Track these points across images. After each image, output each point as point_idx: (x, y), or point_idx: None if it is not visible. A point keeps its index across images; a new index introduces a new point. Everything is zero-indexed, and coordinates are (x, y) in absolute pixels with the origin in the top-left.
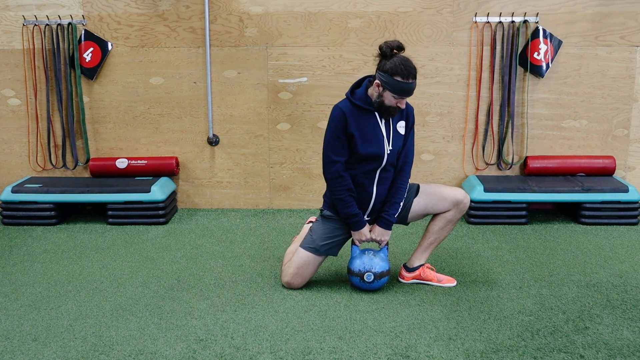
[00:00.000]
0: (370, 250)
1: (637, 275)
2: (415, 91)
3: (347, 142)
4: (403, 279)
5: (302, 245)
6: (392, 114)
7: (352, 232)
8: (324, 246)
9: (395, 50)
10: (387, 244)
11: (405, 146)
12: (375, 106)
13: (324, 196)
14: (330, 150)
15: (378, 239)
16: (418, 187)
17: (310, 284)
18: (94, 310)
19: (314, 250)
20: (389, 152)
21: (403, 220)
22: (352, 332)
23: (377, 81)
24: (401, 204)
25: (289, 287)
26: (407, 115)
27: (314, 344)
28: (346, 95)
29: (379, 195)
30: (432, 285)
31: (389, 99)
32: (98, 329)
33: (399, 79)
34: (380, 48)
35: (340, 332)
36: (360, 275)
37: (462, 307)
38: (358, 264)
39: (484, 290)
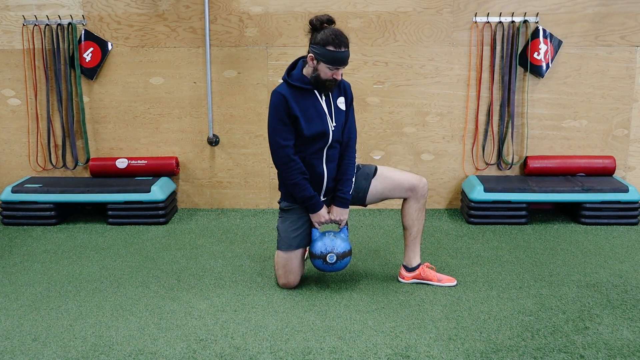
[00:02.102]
0: (331, 232)
1: (637, 275)
2: (415, 91)
3: (292, 126)
4: (403, 279)
5: (277, 248)
6: (330, 87)
7: (310, 215)
8: (295, 239)
9: (325, 24)
10: (346, 223)
11: (347, 122)
12: (312, 82)
13: (279, 187)
14: (277, 136)
15: (337, 218)
16: (376, 168)
17: (310, 284)
18: (94, 310)
19: (287, 246)
20: (333, 128)
21: (362, 201)
22: (352, 332)
23: (310, 54)
24: (353, 179)
25: (287, 287)
26: (345, 90)
27: (314, 344)
28: (283, 78)
29: (330, 173)
30: (432, 285)
31: (324, 71)
32: (98, 329)
33: (331, 48)
34: (311, 22)
35: (340, 332)
36: (323, 257)
37: (462, 307)
38: (319, 246)
39: (484, 290)
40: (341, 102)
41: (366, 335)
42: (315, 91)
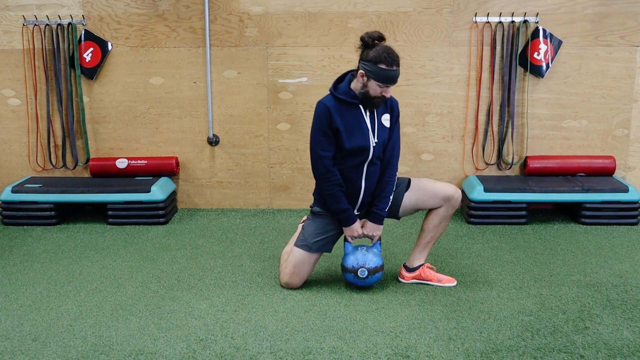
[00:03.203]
0: (363, 246)
1: (637, 275)
2: (415, 91)
3: (333, 137)
4: (403, 279)
5: (295, 244)
6: (377, 104)
7: (343, 228)
8: (316, 243)
9: (376, 41)
10: (379, 239)
11: (391, 139)
12: (360, 97)
13: (314, 193)
14: (317, 147)
15: (370, 234)
16: (409, 181)
17: (310, 284)
18: (94, 310)
19: (307, 247)
20: (374, 144)
21: (394, 214)
22: (352, 332)
23: (361, 71)
24: (391, 197)
25: (288, 287)
26: (392, 108)
27: (314, 344)
28: (330, 90)
29: (368, 189)
30: (432, 285)
31: (374, 88)
32: (98, 329)
33: (383, 66)
34: (362, 39)
35: (340, 332)
36: (354, 271)
37: (462, 307)
38: (351, 260)
39: (484, 290)
40: (386, 119)
41: (366, 335)
42: (361, 106)
